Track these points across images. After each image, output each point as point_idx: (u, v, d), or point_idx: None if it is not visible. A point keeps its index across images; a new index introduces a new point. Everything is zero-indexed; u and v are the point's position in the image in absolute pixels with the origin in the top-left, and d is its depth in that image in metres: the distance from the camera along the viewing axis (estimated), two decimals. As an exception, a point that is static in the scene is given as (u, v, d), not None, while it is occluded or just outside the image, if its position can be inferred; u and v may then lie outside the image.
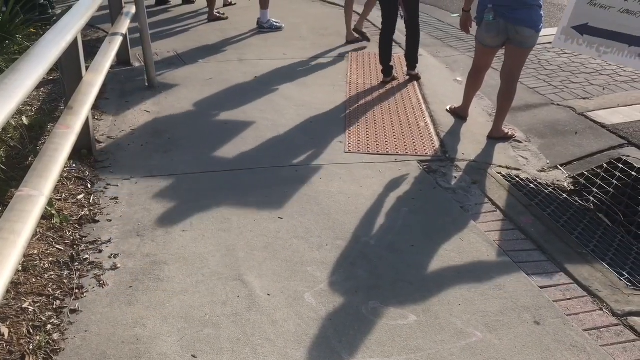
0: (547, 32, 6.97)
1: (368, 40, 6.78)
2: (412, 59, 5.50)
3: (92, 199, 3.42)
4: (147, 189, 3.58)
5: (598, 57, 4.25)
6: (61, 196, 3.38)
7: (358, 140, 4.35)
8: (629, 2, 3.86)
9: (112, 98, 5.04)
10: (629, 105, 5.05)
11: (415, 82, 5.54)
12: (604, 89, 5.46)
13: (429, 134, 4.51)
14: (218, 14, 7.87)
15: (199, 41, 6.78)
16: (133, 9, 5.30)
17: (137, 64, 5.90)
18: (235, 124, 4.56)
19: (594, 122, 4.81)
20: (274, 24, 7.34)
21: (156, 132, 4.39)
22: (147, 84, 5.31)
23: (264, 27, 7.29)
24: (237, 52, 6.41)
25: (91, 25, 7.14)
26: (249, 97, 5.09)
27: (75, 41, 3.53)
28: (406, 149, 4.25)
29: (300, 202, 3.45)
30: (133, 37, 5.86)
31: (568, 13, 4.15)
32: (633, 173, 4.04)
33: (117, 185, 3.61)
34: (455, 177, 3.87)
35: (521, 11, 4.08)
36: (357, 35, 6.85)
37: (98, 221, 3.21)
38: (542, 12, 4.11)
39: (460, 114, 4.81)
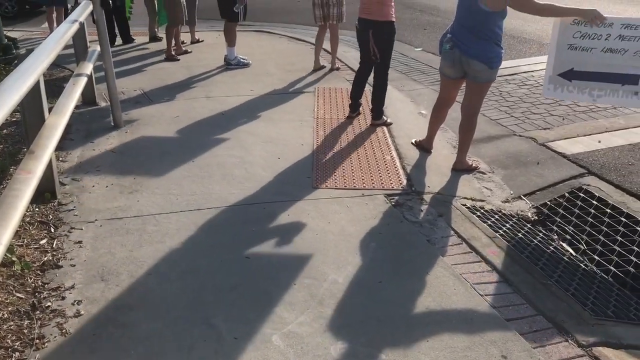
0: (508, 64, 7.20)
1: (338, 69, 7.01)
2: (376, 108, 5.43)
3: (55, 243, 3.36)
4: (112, 231, 3.53)
5: (593, 101, 4.16)
6: (23, 242, 3.31)
7: (325, 176, 4.38)
8: (610, 41, 3.86)
9: (77, 139, 4.99)
10: (588, 135, 5.20)
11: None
12: (563, 119, 5.61)
13: (395, 167, 4.56)
14: (185, 50, 7.92)
15: (166, 79, 6.79)
16: (98, 48, 5.30)
17: (103, 104, 5.87)
18: (203, 162, 4.55)
19: (555, 152, 4.93)
20: (241, 60, 7.41)
21: (122, 172, 4.35)
22: (112, 124, 5.29)
23: (231, 64, 7.35)
24: (204, 89, 6.44)
25: (56, 64, 7.11)
26: (216, 135, 5.09)
27: (37, 84, 3.51)
28: (373, 183, 4.29)
29: (268, 241, 3.44)
30: (99, 75, 5.85)
31: (551, 61, 4.10)
32: (594, 202, 4.14)
33: (82, 229, 3.55)
34: (422, 210, 3.91)
35: (474, 44, 4.14)
36: (322, 65, 7.12)
37: (61, 266, 3.15)
38: (499, 49, 4.15)
39: (424, 147, 4.89)
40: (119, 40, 8.66)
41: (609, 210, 4.01)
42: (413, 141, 5.02)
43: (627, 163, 4.64)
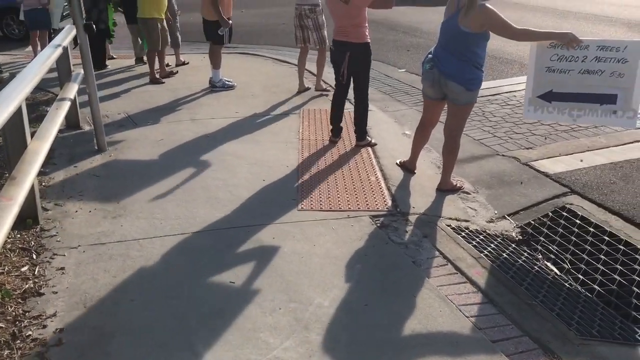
0: (491, 85, 7.29)
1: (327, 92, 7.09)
2: (359, 129, 5.45)
3: (37, 270, 3.32)
4: (95, 257, 3.49)
5: (573, 121, 4.23)
6: (3, 269, 3.26)
7: (311, 197, 4.38)
8: (587, 62, 3.93)
9: (60, 163, 4.95)
10: (570, 154, 5.26)
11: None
12: (545, 138, 5.67)
13: (380, 188, 4.57)
14: (170, 72, 7.93)
15: (150, 102, 6.79)
16: (82, 72, 5.29)
17: (87, 127, 5.85)
18: (187, 185, 4.53)
19: (538, 171, 4.98)
20: (226, 82, 7.43)
21: (105, 197, 4.32)
22: (96, 148, 5.26)
23: (216, 86, 7.37)
24: (188, 111, 6.44)
25: (40, 88, 7.08)
26: (200, 157, 5.09)
27: (19, 109, 3.49)
28: (358, 204, 4.30)
29: (252, 265, 3.42)
30: (83, 98, 5.83)
31: (530, 83, 4.16)
32: (577, 221, 4.18)
33: (64, 255, 3.51)
34: (407, 231, 3.92)
35: (453, 66, 4.18)
36: (307, 87, 7.17)
37: (43, 294, 3.11)
38: (479, 72, 4.18)
39: (408, 168, 4.91)
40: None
41: (592, 229, 4.05)
42: (398, 162, 5.04)
43: (608, 182, 4.69)
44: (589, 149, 5.32)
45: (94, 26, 4.92)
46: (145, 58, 8.64)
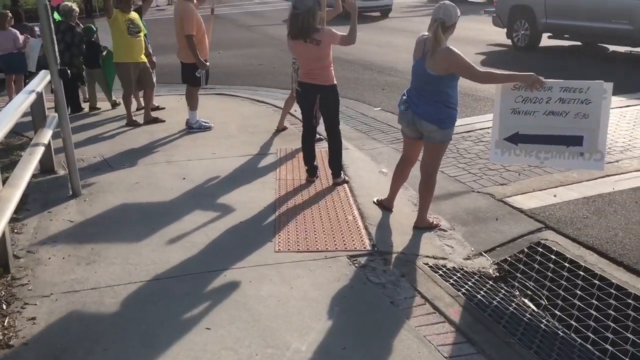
0: (464, 122, 7.41)
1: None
2: (334, 167, 5.48)
3: (6, 321, 3.24)
4: (67, 305, 3.43)
5: (540, 164, 4.21)
6: (-28, 321, 3.18)
7: (288, 239, 4.36)
8: (551, 104, 3.97)
9: (34, 209, 4.89)
10: (544, 189, 5.33)
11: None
12: (519, 174, 5.76)
13: (358, 227, 4.58)
14: (155, 118, 7.91)
15: (127, 144, 6.77)
16: (57, 116, 5.27)
17: (61, 172, 5.80)
18: (163, 228, 4.50)
19: (513, 207, 5.03)
20: (203, 124, 7.45)
21: (79, 243, 4.27)
22: (71, 192, 5.21)
23: (193, 128, 7.38)
24: (165, 153, 6.43)
25: (15, 132, 7.03)
26: (176, 200, 5.06)
27: (-10, 157, 3.46)
28: (336, 244, 4.29)
29: (229, 310, 3.38)
30: (58, 141, 5.79)
31: (496, 126, 4.19)
32: (552, 256, 4.22)
33: (36, 304, 3.44)
34: (385, 271, 3.91)
35: (424, 106, 4.25)
36: (284, 126, 7.28)
37: (12, 346, 3.03)
38: (451, 111, 4.24)
39: (386, 206, 4.93)
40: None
41: (567, 265, 4.09)
42: (375, 200, 5.06)
43: (582, 216, 4.76)
44: (562, 184, 5.40)
45: (69, 72, 4.93)
46: (119, 100, 8.64)
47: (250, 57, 14.17)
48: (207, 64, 7.16)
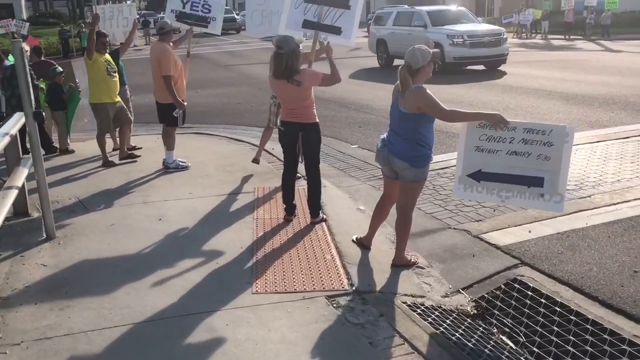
0: (440, 159, 7.50)
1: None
2: (313, 206, 5.50)
3: (-25, 371, 3.14)
4: (39, 353, 3.34)
5: (501, 202, 4.29)
6: (-61, 373, 3.08)
7: (265, 280, 4.33)
8: (514, 144, 4.04)
9: (6, 253, 4.80)
10: (519, 225, 5.40)
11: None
12: (494, 210, 5.82)
13: (336, 266, 4.57)
14: (131, 154, 7.88)
15: (102, 185, 6.72)
16: (31, 158, 5.22)
17: (35, 214, 5.72)
18: (139, 272, 4.44)
19: (489, 243, 5.08)
20: (180, 163, 7.44)
21: (52, 287, 4.18)
22: (45, 235, 5.13)
23: (170, 168, 7.36)
24: (141, 194, 6.39)
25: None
26: (152, 242, 5.01)
27: (-38, 202, 3.41)
28: (314, 284, 4.27)
29: (205, 354, 3.33)
30: (34, 184, 5.72)
31: (460, 162, 4.26)
32: (529, 292, 4.25)
33: (5, 353, 3.35)
34: (363, 311, 3.89)
35: (398, 144, 4.35)
36: (259, 159, 7.27)
37: (-19, 398, 2.93)
38: (424, 150, 4.31)
39: (364, 244, 4.94)
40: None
41: (543, 301, 4.11)
42: (354, 238, 5.07)
43: (557, 252, 4.81)
44: (536, 220, 5.48)
45: (44, 114, 4.92)
46: (70, 147, 8.56)
47: (228, 96, 14.27)
48: (185, 103, 7.19)
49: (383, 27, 19.36)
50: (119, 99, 7.80)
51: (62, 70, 8.76)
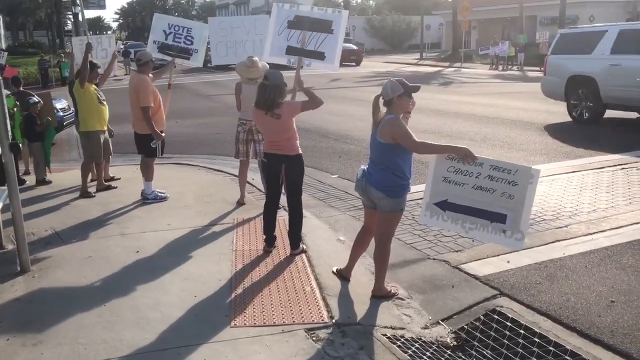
0: (418, 189, 7.54)
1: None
2: (293, 237, 5.48)
3: (-58, 412, 3.04)
4: (10, 392, 3.25)
5: (465, 233, 4.39)
6: None
7: (244, 312, 4.29)
8: (480, 179, 4.14)
9: (-22, 287, 4.69)
10: (497, 255, 5.43)
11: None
12: (473, 240, 5.84)
13: (315, 299, 4.54)
14: (108, 186, 7.82)
15: (80, 217, 6.63)
16: (6, 190, 5.15)
17: (10, 246, 5.62)
18: (115, 305, 4.37)
19: (468, 274, 5.09)
20: (159, 194, 7.38)
21: (26, 322, 4.09)
22: (19, 268, 5.04)
23: (148, 199, 7.30)
24: (119, 226, 6.32)
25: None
26: (129, 275, 4.94)
27: None
28: (293, 317, 4.24)
29: (182, 390, 3.27)
30: (8, 215, 5.63)
31: (428, 189, 4.36)
32: (508, 323, 4.26)
33: (-25, 392, 3.25)
34: (343, 344, 3.87)
35: (375, 173, 4.43)
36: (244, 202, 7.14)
37: None
38: (400, 180, 4.36)
39: (344, 275, 4.93)
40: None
41: (522, 331, 4.12)
42: (334, 270, 5.06)
43: (535, 282, 4.85)
44: (515, 250, 5.51)
45: (20, 145, 4.87)
46: (47, 179, 8.46)
47: (209, 126, 14.28)
48: (163, 134, 7.18)
49: (585, 58, 12.57)
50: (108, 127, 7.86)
51: (37, 101, 8.71)
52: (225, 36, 7.46)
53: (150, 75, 7.18)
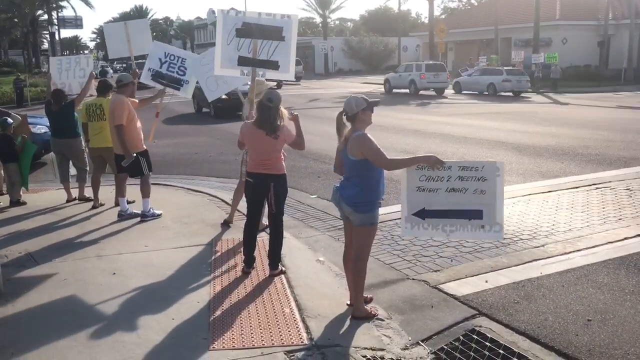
0: (395, 209, 7.59)
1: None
2: (273, 258, 5.45)
3: None
4: (-19, 420, 3.15)
5: (447, 236, 4.60)
6: None
7: (223, 335, 4.24)
8: (451, 182, 4.34)
9: (-52, 311, 4.57)
10: (475, 275, 5.47)
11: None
12: (451, 260, 5.90)
13: (295, 320, 4.51)
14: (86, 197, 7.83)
15: (55, 238, 6.53)
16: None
17: (-18, 269, 5.49)
18: (91, 328, 4.28)
19: (447, 294, 5.11)
20: (134, 212, 7.36)
21: (-2, 347, 3.99)
22: (-9, 292, 4.93)
23: (123, 215, 7.27)
24: (95, 247, 6.22)
25: None
26: (106, 298, 4.86)
27: None
28: (272, 339, 4.20)
29: (160, 416, 3.21)
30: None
31: (404, 202, 4.49)
32: (487, 343, 4.27)
33: (-56, 421, 3.15)
34: (323, 366, 3.84)
35: (346, 188, 4.52)
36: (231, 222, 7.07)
37: None
38: (370, 194, 4.41)
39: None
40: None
41: (501, 351, 4.14)
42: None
43: (513, 301, 4.88)
44: (493, 269, 5.57)
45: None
46: (21, 199, 8.32)
47: (187, 146, 14.21)
48: (134, 155, 7.06)
49: None
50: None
51: (12, 122, 8.60)
52: (207, 72, 7.40)
53: (136, 100, 7.24)
